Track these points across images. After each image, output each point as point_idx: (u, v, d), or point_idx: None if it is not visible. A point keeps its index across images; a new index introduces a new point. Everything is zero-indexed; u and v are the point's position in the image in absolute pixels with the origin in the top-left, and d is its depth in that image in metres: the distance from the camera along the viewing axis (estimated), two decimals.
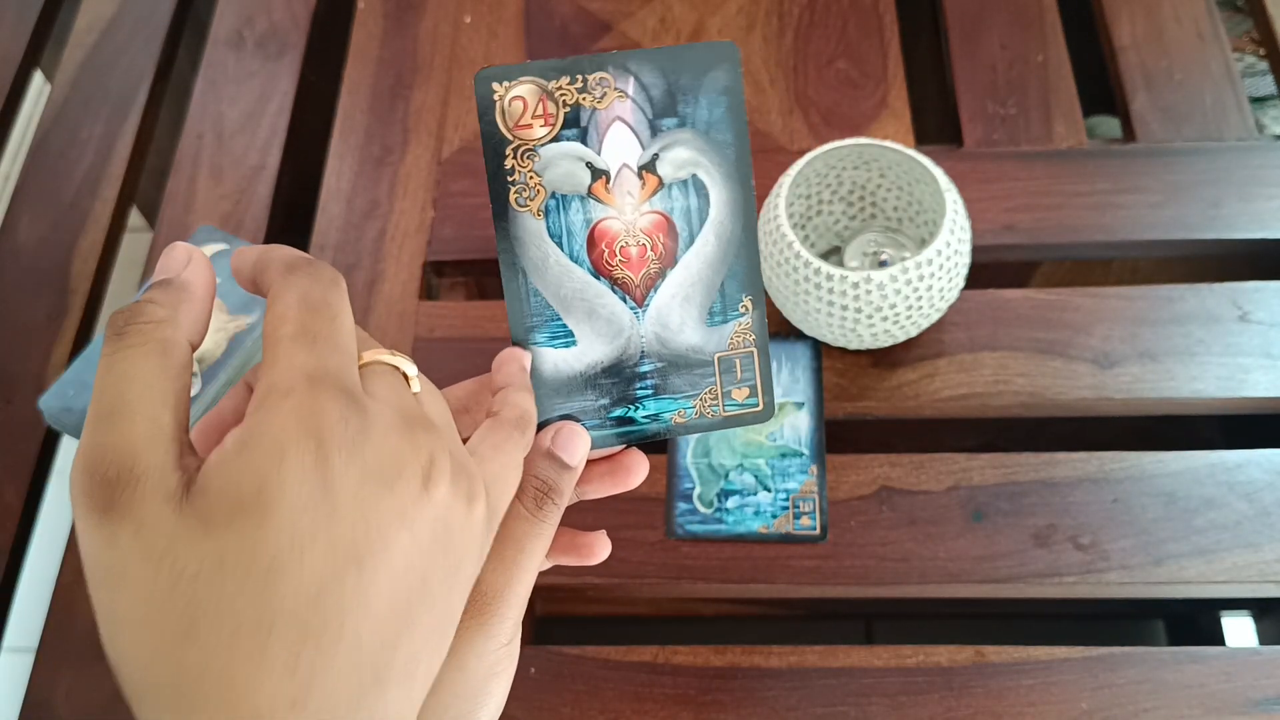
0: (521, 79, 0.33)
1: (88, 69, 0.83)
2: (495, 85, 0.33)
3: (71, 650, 0.60)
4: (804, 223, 0.67)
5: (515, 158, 0.33)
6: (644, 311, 0.35)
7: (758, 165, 0.73)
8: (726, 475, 0.61)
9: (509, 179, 0.33)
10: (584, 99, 0.33)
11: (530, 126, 0.33)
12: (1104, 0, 0.79)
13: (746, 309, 0.36)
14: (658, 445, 0.30)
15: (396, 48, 0.82)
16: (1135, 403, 0.63)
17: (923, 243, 0.66)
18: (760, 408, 0.36)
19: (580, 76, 0.33)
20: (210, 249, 0.69)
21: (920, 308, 0.58)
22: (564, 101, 0.33)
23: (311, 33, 0.84)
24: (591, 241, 0.34)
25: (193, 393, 0.63)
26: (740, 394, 0.36)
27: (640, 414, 0.36)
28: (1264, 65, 0.86)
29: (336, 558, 0.24)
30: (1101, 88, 0.79)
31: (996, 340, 0.65)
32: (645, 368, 0.36)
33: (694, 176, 0.34)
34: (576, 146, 0.33)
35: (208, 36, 0.84)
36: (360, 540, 0.25)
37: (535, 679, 0.58)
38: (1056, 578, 0.58)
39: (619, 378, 0.35)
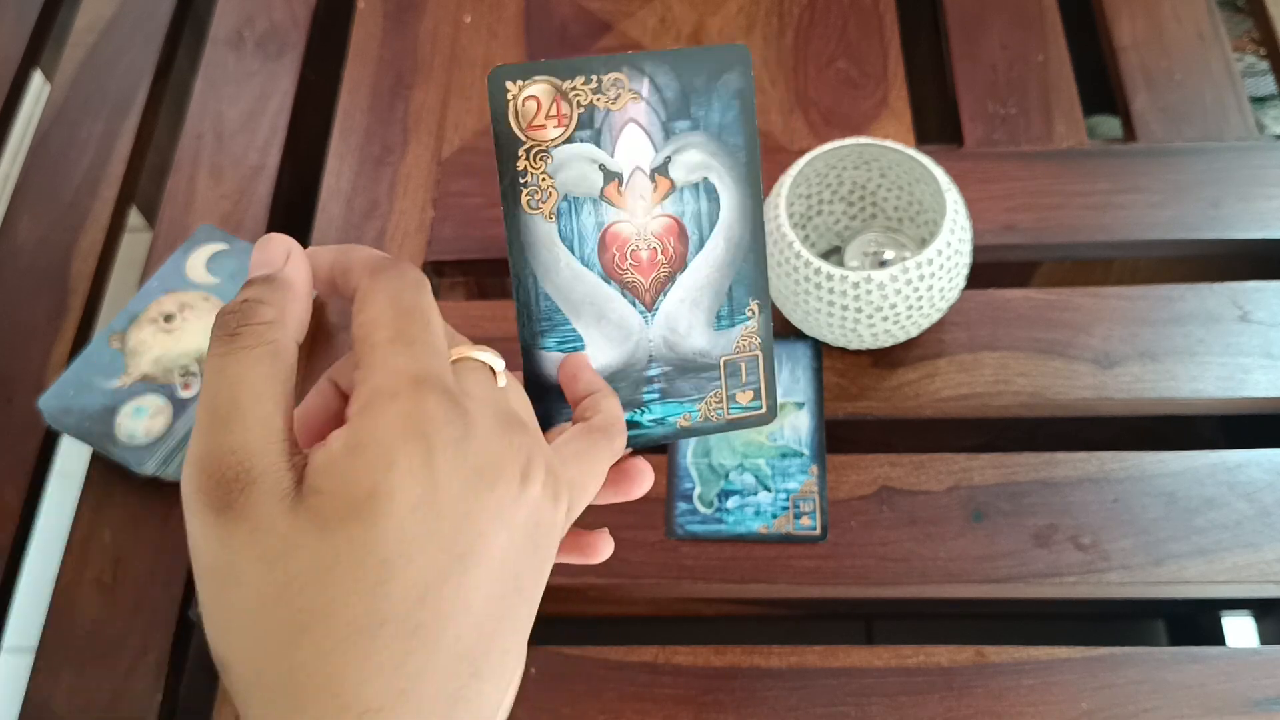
0: (536, 78, 0.32)
1: (87, 69, 0.83)
2: (509, 84, 0.32)
3: (71, 650, 0.60)
4: (804, 223, 0.67)
5: (528, 159, 0.33)
6: (653, 315, 0.35)
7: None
8: (727, 475, 0.61)
9: (521, 181, 0.33)
10: (598, 100, 0.33)
11: (544, 127, 0.32)
12: (1104, 0, 0.79)
13: (753, 313, 0.35)
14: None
15: (396, 47, 0.82)
16: (1135, 403, 0.63)
17: (923, 243, 0.66)
18: (764, 410, 0.36)
19: (595, 77, 0.32)
20: (210, 249, 0.69)
21: (920, 308, 0.58)
22: (578, 102, 0.32)
23: (311, 32, 0.84)
24: (603, 245, 0.34)
25: (192, 392, 0.63)
26: (744, 397, 0.36)
27: (646, 418, 0.36)
28: (1264, 65, 0.86)
29: (443, 558, 0.25)
30: (1102, 88, 0.79)
31: (997, 340, 0.65)
32: (652, 372, 0.35)
33: (705, 180, 0.34)
34: (590, 148, 0.33)
35: (207, 36, 0.84)
36: (464, 540, 0.25)
37: (535, 679, 0.58)
38: (1057, 578, 0.58)
39: (626, 381, 0.35)
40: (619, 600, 0.65)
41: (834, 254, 0.68)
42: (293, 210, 0.77)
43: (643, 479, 0.35)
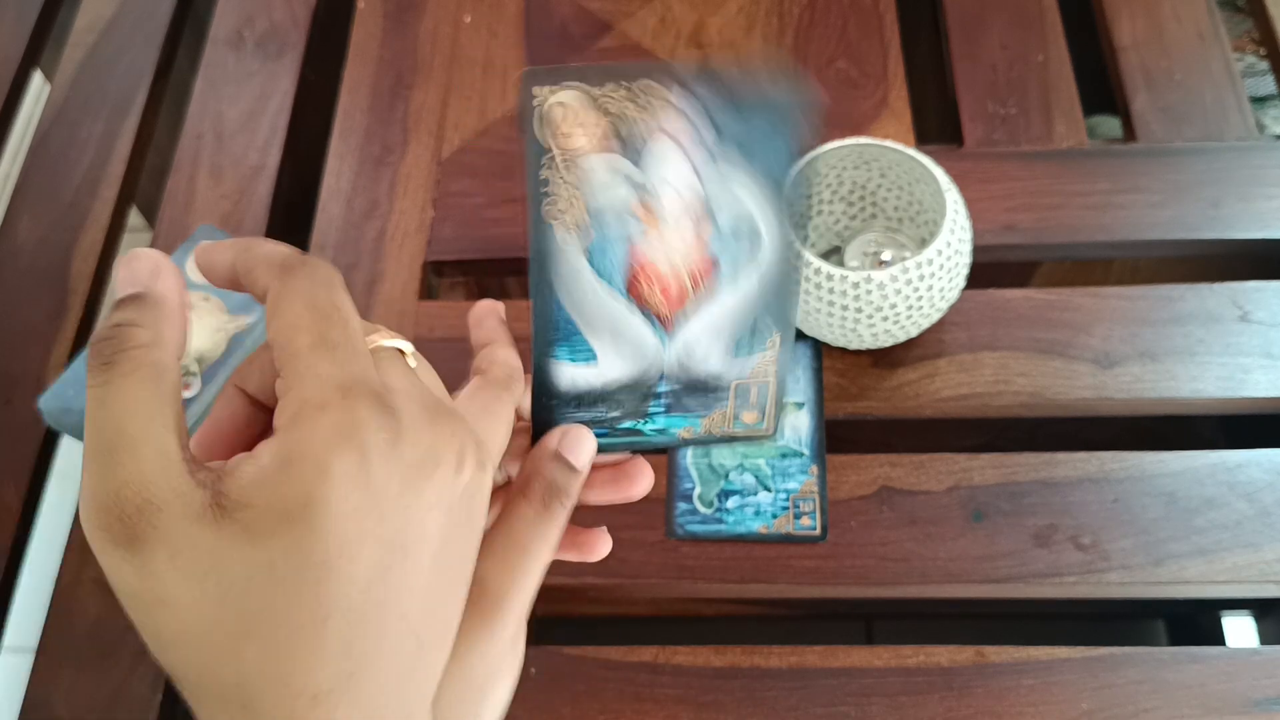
0: (565, 83, 0.30)
1: (87, 69, 0.83)
2: (537, 89, 0.30)
3: (71, 650, 0.60)
4: (804, 223, 0.67)
5: (552, 168, 0.31)
6: (671, 340, 0.34)
7: None
8: (727, 475, 0.61)
9: (544, 189, 0.31)
10: (629, 109, 0.31)
11: (571, 135, 0.31)
12: (1104, 0, 0.79)
13: (774, 345, 0.34)
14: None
15: (396, 47, 0.82)
16: (1135, 403, 0.63)
17: (923, 243, 0.66)
18: (766, 429, 0.36)
19: (628, 85, 0.31)
20: None
21: (920, 308, 0.58)
22: (609, 110, 0.31)
23: (311, 32, 0.84)
24: (630, 268, 0.32)
25: (192, 393, 0.63)
26: (750, 416, 0.36)
27: (649, 428, 0.35)
28: (1264, 65, 0.86)
29: (384, 552, 0.25)
30: (1102, 88, 0.79)
31: (997, 340, 0.65)
32: (662, 388, 0.35)
33: (749, 215, 0.32)
34: (619, 160, 0.31)
35: (207, 36, 0.84)
36: (405, 532, 0.26)
37: (535, 679, 0.58)
38: (1057, 578, 0.58)
39: (635, 395, 0.34)
40: (619, 600, 0.65)
41: (834, 254, 0.68)
42: (293, 210, 0.77)
43: (643, 479, 0.35)
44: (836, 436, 0.62)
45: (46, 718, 0.59)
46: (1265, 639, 0.78)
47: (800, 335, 0.65)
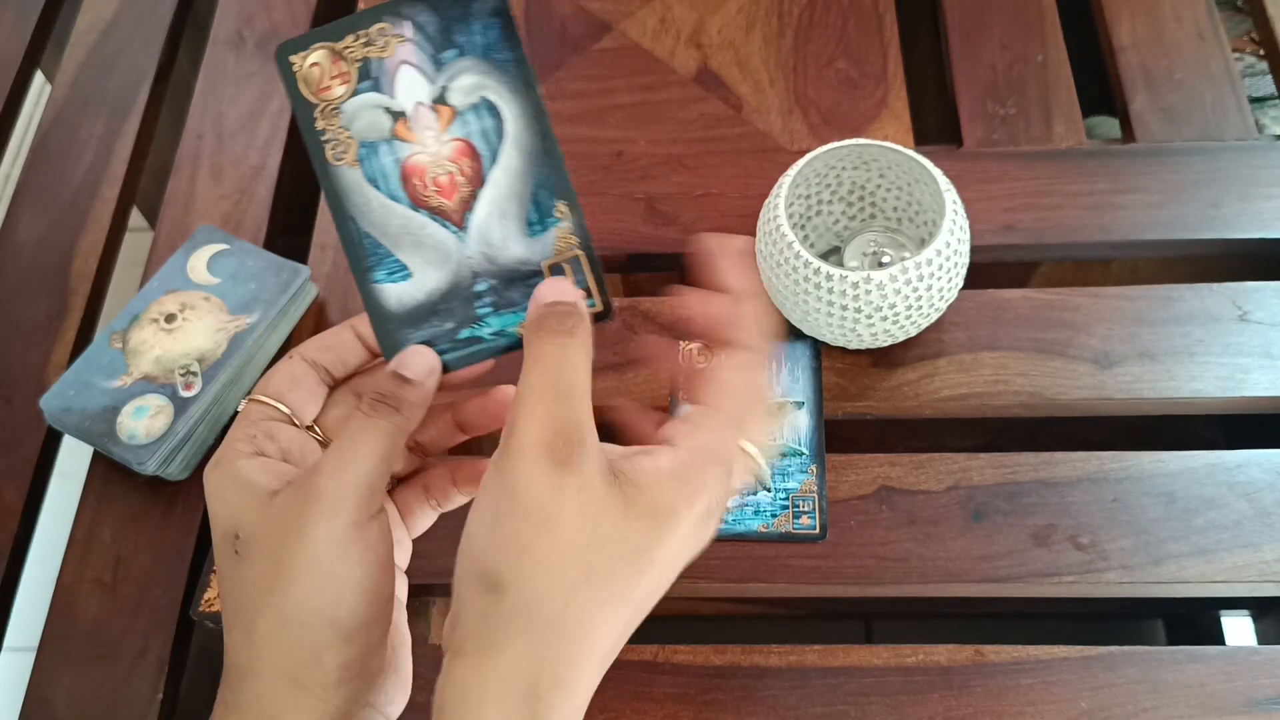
0: (314, 46, 0.36)
1: (88, 69, 0.83)
2: (292, 58, 0.36)
3: (71, 650, 0.60)
4: (804, 223, 0.67)
5: (324, 118, 0.37)
6: (466, 234, 0.38)
7: (759, 164, 0.73)
8: None
9: (322, 139, 0.37)
10: (370, 51, 0.36)
11: (329, 88, 0.36)
12: (1104, 0, 0.80)
13: (563, 214, 0.38)
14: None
15: None
16: (1135, 403, 0.63)
17: (922, 243, 0.66)
18: (600, 308, 0.38)
19: (363, 32, 0.36)
20: (211, 249, 0.69)
21: (920, 308, 0.58)
22: (353, 58, 0.36)
23: None
24: (405, 178, 0.37)
25: (193, 393, 0.63)
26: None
27: (486, 331, 0.39)
28: (1264, 65, 0.86)
29: (674, 574, 0.35)
30: (1101, 88, 0.79)
31: (996, 340, 0.65)
32: (480, 287, 0.38)
33: (484, 99, 0.37)
34: (373, 95, 0.37)
35: (208, 37, 0.84)
36: (686, 563, 0.36)
37: None
38: (1056, 577, 0.58)
39: (458, 299, 0.38)
40: None
41: (833, 254, 0.68)
42: (293, 210, 0.78)
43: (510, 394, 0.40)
44: (836, 436, 0.63)
45: (47, 717, 0.59)
46: (1264, 639, 0.78)
47: (800, 335, 0.65)
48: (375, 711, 0.39)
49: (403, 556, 0.44)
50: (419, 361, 0.38)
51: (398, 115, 0.37)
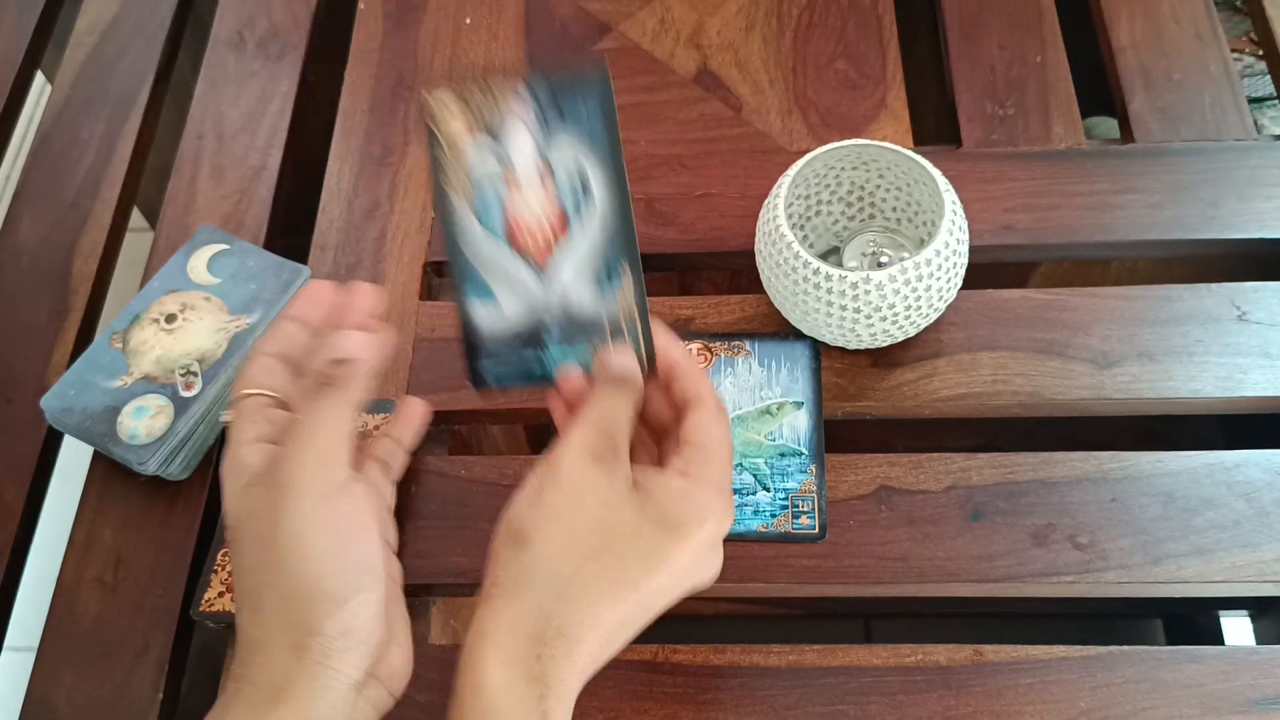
0: (452, 99, 0.44)
1: (88, 70, 0.83)
2: (431, 101, 0.44)
3: (72, 650, 0.60)
4: (803, 223, 0.67)
5: (449, 158, 0.44)
6: (546, 278, 0.45)
7: (759, 165, 0.73)
8: None
9: (444, 172, 0.45)
10: (498, 112, 0.44)
11: (459, 134, 0.44)
12: (1103, 1, 0.80)
13: (627, 278, 0.45)
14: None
15: (397, 49, 0.82)
16: (1134, 402, 0.63)
17: (921, 243, 0.66)
18: (646, 369, 0.46)
19: (494, 95, 0.44)
20: (211, 249, 0.69)
21: (919, 308, 0.58)
22: (482, 113, 0.44)
23: (312, 33, 0.84)
24: (505, 220, 0.45)
25: (193, 393, 0.63)
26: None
27: (547, 357, 0.47)
28: (1262, 66, 0.87)
29: (683, 588, 0.43)
30: (1100, 88, 0.79)
31: (995, 340, 0.65)
32: (550, 321, 0.46)
33: (580, 169, 0.44)
34: (492, 144, 0.44)
35: (209, 37, 0.84)
36: (691, 586, 0.44)
37: None
38: (1055, 577, 0.58)
39: (530, 328, 0.46)
40: None
41: (833, 254, 0.68)
42: (293, 211, 0.78)
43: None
44: (835, 436, 0.63)
45: (47, 717, 0.59)
46: (1263, 638, 0.78)
47: (799, 335, 0.65)
48: (379, 683, 0.42)
49: (391, 534, 0.48)
50: (357, 344, 0.43)
51: (508, 166, 0.44)
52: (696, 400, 0.45)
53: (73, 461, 0.69)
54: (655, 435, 0.48)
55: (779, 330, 0.66)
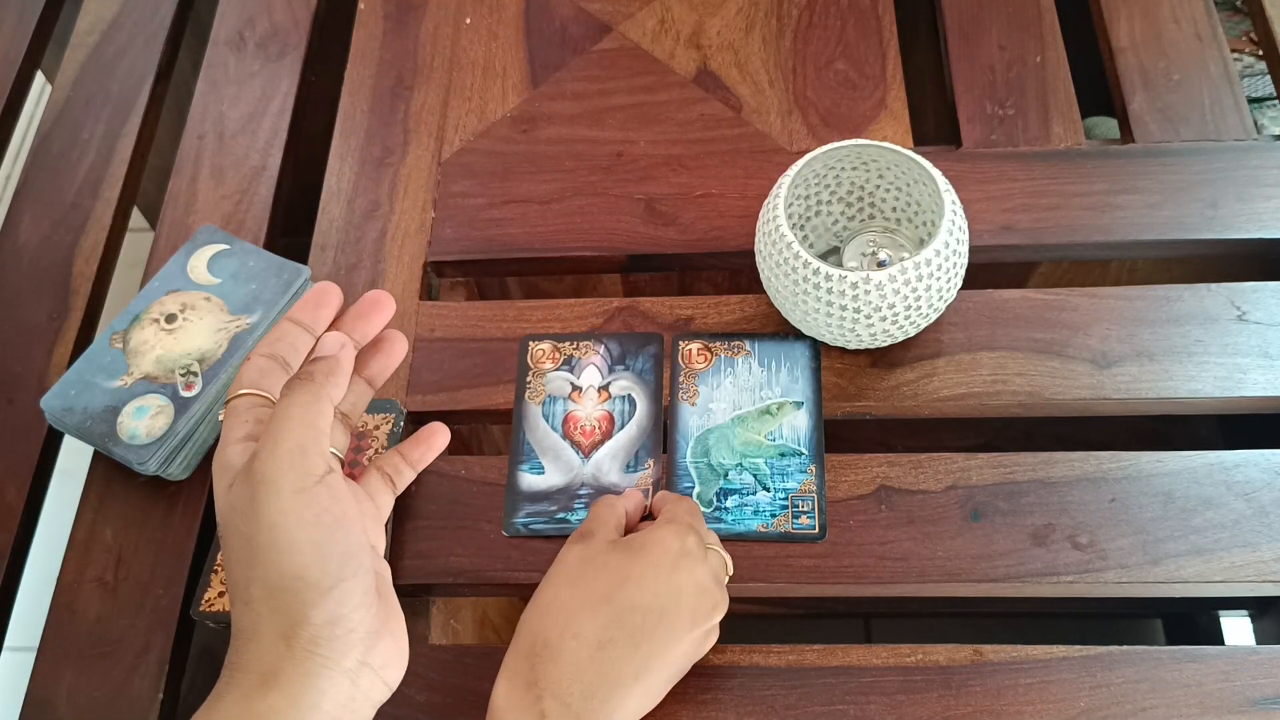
0: (544, 341, 0.66)
1: (89, 70, 0.83)
2: (530, 343, 0.66)
3: (72, 650, 0.60)
4: (803, 223, 0.67)
5: (534, 376, 0.65)
6: (587, 461, 0.62)
7: (758, 165, 0.73)
8: (726, 475, 0.62)
9: (527, 385, 0.65)
10: (575, 352, 0.65)
11: (544, 363, 0.65)
12: (1102, 1, 0.80)
13: (650, 467, 0.62)
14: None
15: (397, 49, 0.82)
16: (1133, 402, 0.63)
17: (921, 243, 0.66)
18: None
19: (577, 342, 0.66)
20: (212, 249, 0.69)
21: (919, 308, 0.58)
22: (565, 352, 0.66)
23: (312, 34, 0.84)
24: (565, 420, 0.63)
25: (193, 393, 0.63)
26: None
27: (573, 518, 0.60)
28: (1262, 66, 0.87)
29: (650, 589, 0.51)
30: (1099, 88, 0.79)
31: (994, 340, 0.65)
32: (583, 492, 0.61)
33: (629, 395, 0.64)
34: (566, 374, 0.65)
35: (209, 37, 0.84)
36: (685, 634, 0.52)
37: None
38: (1054, 577, 0.58)
39: (565, 495, 0.61)
40: None
41: (832, 254, 0.68)
42: (294, 211, 0.78)
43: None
44: (835, 436, 0.63)
45: (47, 717, 0.59)
46: (1262, 638, 0.78)
47: (799, 335, 0.65)
48: (373, 673, 0.43)
49: (380, 542, 0.49)
50: (328, 342, 0.46)
51: (575, 388, 0.64)
52: (665, 501, 0.58)
53: (73, 461, 0.69)
54: None
55: (779, 330, 0.66)
